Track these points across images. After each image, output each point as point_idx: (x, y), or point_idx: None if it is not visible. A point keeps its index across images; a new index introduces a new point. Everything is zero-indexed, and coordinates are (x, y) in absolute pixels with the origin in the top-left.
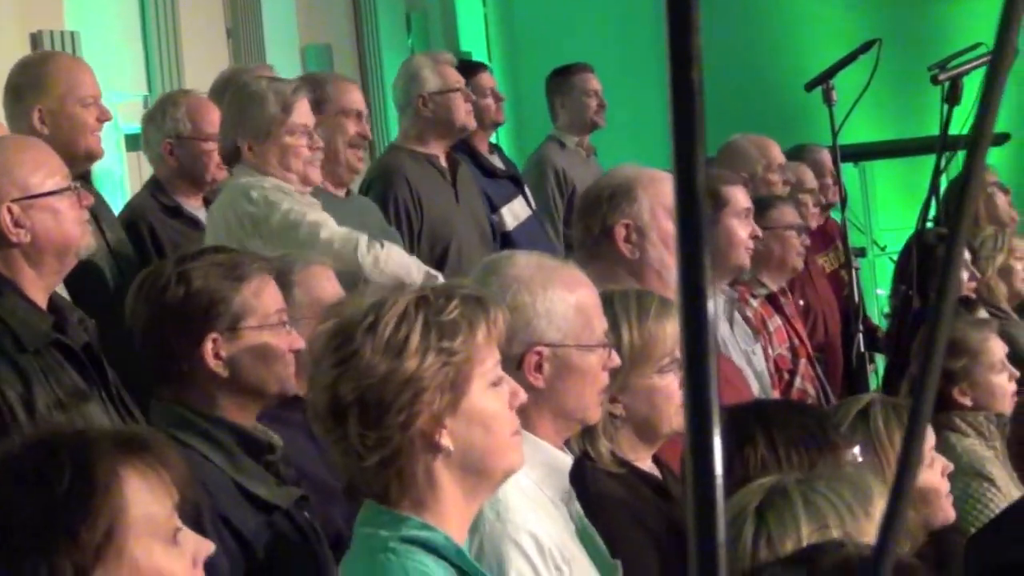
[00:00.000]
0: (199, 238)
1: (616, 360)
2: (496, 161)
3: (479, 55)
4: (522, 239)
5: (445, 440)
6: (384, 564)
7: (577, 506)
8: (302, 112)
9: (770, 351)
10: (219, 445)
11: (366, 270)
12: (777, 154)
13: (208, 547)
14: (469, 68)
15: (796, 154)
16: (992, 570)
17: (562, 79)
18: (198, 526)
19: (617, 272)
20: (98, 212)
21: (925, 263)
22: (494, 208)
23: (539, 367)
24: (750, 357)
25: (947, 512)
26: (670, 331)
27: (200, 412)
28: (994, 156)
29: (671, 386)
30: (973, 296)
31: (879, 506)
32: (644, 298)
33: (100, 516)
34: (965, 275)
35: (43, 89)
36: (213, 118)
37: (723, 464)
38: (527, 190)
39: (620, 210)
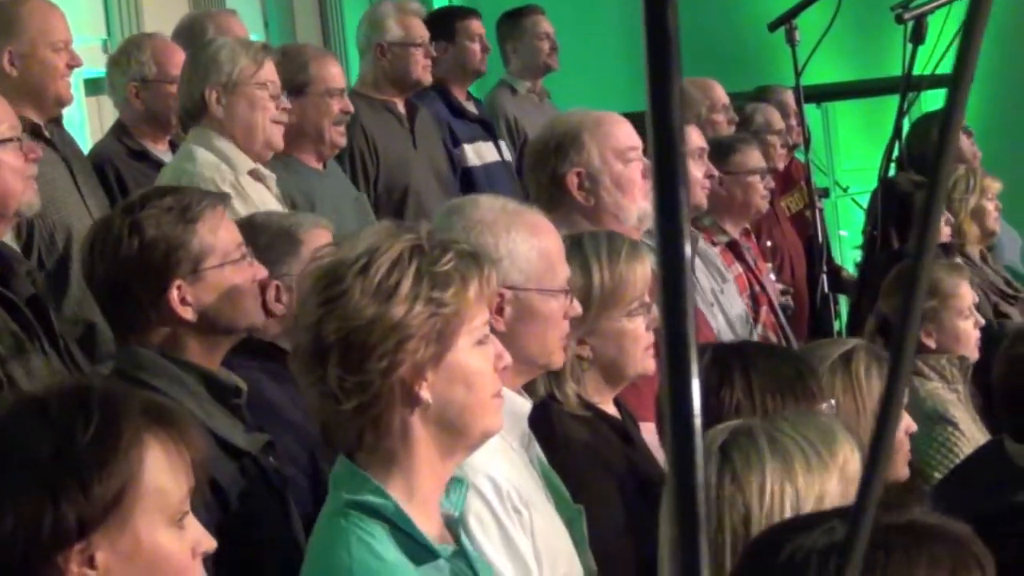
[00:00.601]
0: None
1: (577, 308)
2: (470, 107)
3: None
4: (482, 178)
5: (425, 393)
6: (335, 529)
7: (538, 450)
8: (270, 70)
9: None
10: (185, 387)
11: None
12: (720, 95)
13: (211, 543)
14: (461, 13)
15: (759, 95)
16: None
17: (513, 23)
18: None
19: (575, 220)
20: (71, 161)
21: (892, 205)
22: (456, 143)
23: (500, 310)
24: (717, 296)
25: (902, 470)
26: (640, 274)
27: (167, 356)
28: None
29: (639, 329)
30: (950, 241)
31: (843, 448)
32: (615, 240)
33: (115, 475)
34: (942, 220)
35: (14, 32)
36: (178, 60)
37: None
38: (502, 143)
39: (569, 159)
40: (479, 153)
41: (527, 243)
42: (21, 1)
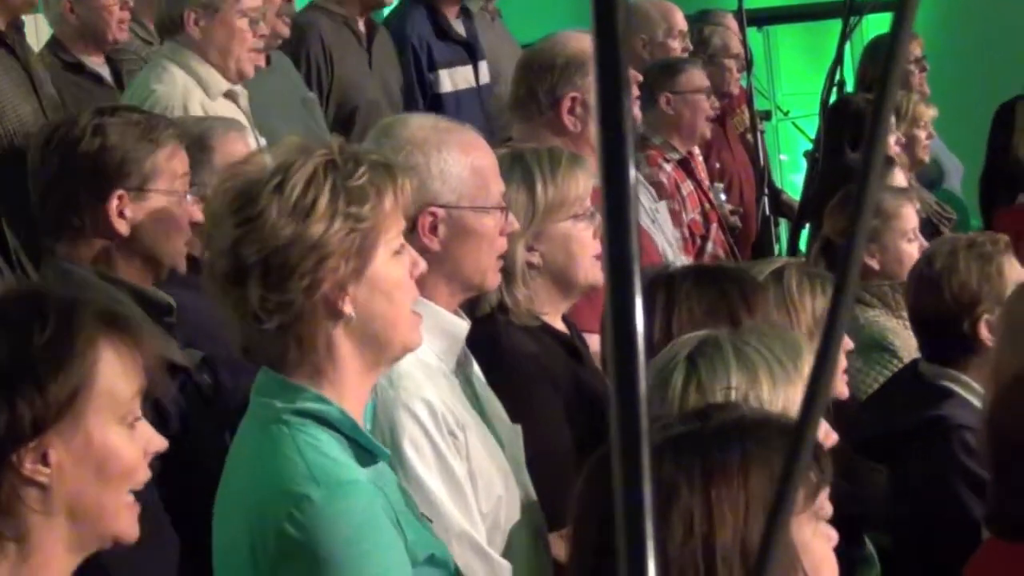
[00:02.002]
0: (103, 94)
1: (514, 224)
2: (459, 27)
3: None
4: (452, 106)
5: (347, 307)
6: (276, 435)
7: (476, 370)
8: None
9: (684, 216)
10: (120, 305)
11: None
12: (679, 20)
13: (161, 443)
14: None
15: (700, 18)
16: (875, 440)
17: None
18: None
19: (549, 140)
20: (31, 68)
21: (846, 124)
22: (433, 67)
23: (434, 229)
24: (655, 216)
25: (841, 387)
26: (582, 180)
27: (97, 272)
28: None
29: (585, 235)
30: (893, 156)
31: (807, 362)
32: (555, 152)
33: (70, 376)
34: (892, 139)
35: None
36: None
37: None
38: (483, 66)
39: (572, 82)
40: (452, 79)
41: (459, 161)
42: None
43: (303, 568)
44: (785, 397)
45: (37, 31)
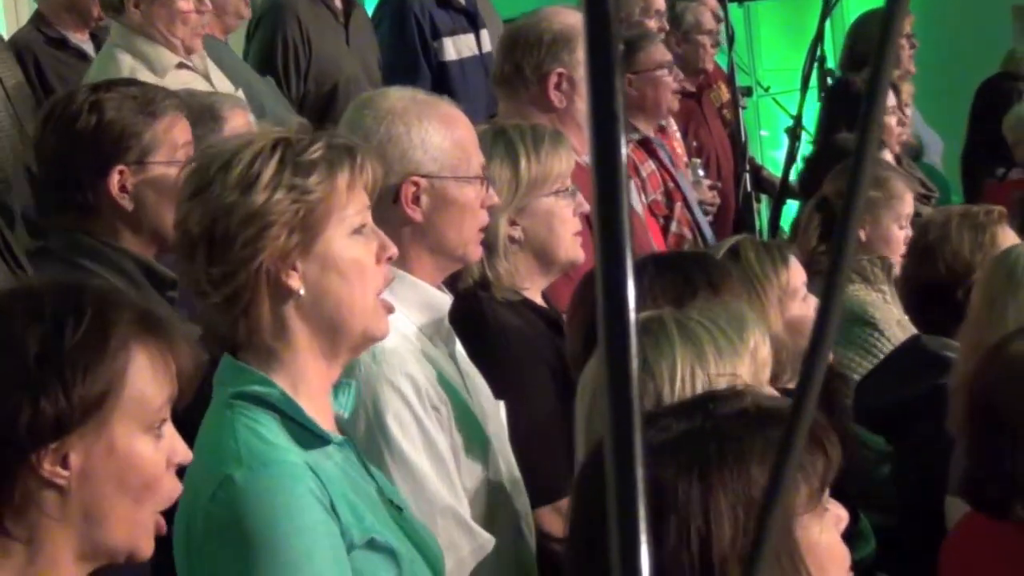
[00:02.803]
0: (86, 70)
1: (494, 197)
2: None
3: None
4: (458, 74)
5: (294, 282)
6: (220, 420)
7: (458, 346)
8: None
9: (643, 198)
10: (126, 275)
11: None
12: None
13: (186, 455)
14: None
15: None
16: (880, 412)
17: None
18: None
19: (534, 116)
20: None
21: (848, 106)
22: (437, 35)
23: (416, 200)
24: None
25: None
26: (565, 157)
27: (104, 242)
28: None
29: (566, 211)
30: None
31: (754, 333)
32: (538, 129)
33: (99, 378)
34: (894, 120)
35: None
36: None
37: (583, 335)
38: (483, 33)
39: (558, 58)
40: (458, 48)
41: (440, 132)
42: None
43: (226, 547)
44: (732, 370)
45: (17, 7)
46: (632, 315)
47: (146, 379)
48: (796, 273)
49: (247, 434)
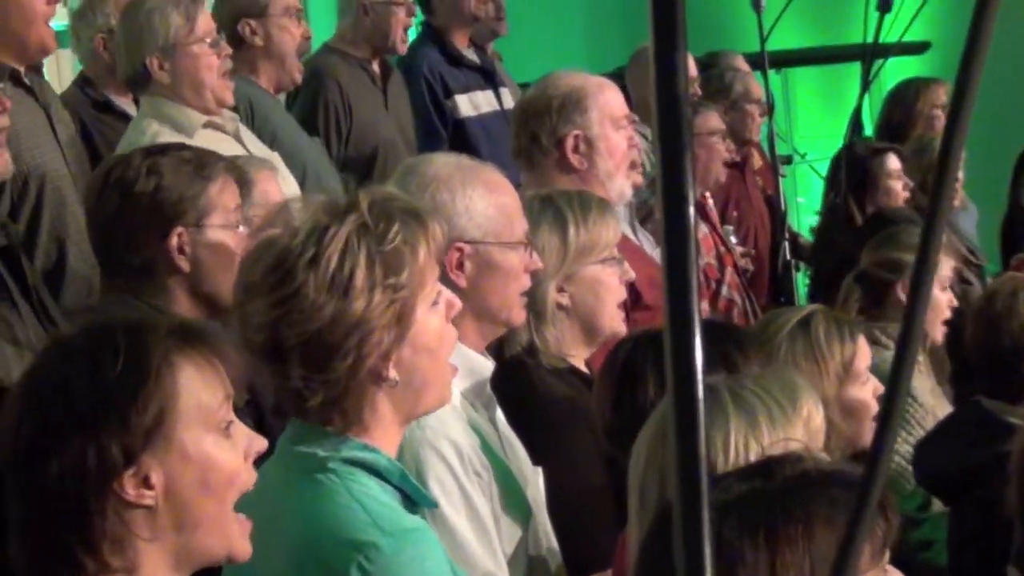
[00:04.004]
0: None
1: (537, 262)
2: (469, 53)
3: None
4: (477, 129)
5: (392, 372)
6: (326, 485)
7: (499, 412)
8: (205, 21)
9: (699, 261)
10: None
11: None
12: (689, 65)
13: (262, 444)
14: None
15: (711, 60)
16: (939, 477)
17: None
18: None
19: (558, 180)
20: (49, 109)
21: (852, 172)
22: (449, 93)
23: (460, 265)
24: (655, 262)
25: (870, 435)
26: (612, 225)
27: (155, 306)
28: (913, 66)
29: (613, 279)
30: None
31: (807, 402)
32: (585, 196)
33: (150, 401)
34: (900, 185)
35: None
36: None
37: (612, 402)
38: (504, 90)
39: (571, 120)
40: (474, 103)
41: (484, 198)
42: None
43: None
44: (785, 438)
45: (59, 67)
46: (700, 379)
47: (198, 386)
48: (862, 354)
49: (371, 501)
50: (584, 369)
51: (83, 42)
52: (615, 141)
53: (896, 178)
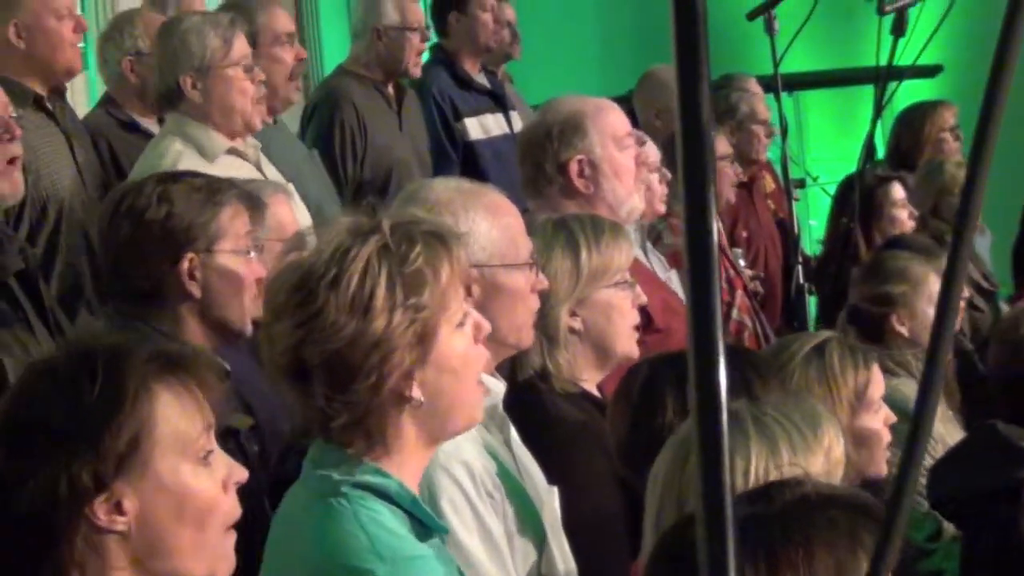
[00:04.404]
0: None
1: (543, 282)
2: (480, 78)
3: None
4: (486, 152)
5: (416, 392)
6: (336, 509)
7: (513, 433)
8: (242, 45)
9: None
10: (174, 344)
11: None
12: None
13: (242, 473)
14: None
15: (723, 84)
16: (953, 501)
17: None
18: None
19: (566, 206)
20: (70, 131)
21: (844, 197)
22: (458, 116)
23: (467, 290)
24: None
25: (881, 465)
26: (625, 249)
27: (163, 332)
28: (926, 89)
29: (625, 303)
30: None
31: (828, 431)
32: (597, 220)
33: (125, 426)
34: (905, 214)
35: (16, 3)
36: None
37: (629, 425)
38: (513, 113)
39: (572, 145)
40: (484, 126)
41: (487, 220)
42: None
43: None
44: (805, 467)
45: (71, 88)
46: (724, 402)
47: (176, 414)
48: (876, 383)
49: (375, 527)
50: (596, 393)
51: (110, 64)
52: (620, 161)
53: (901, 206)
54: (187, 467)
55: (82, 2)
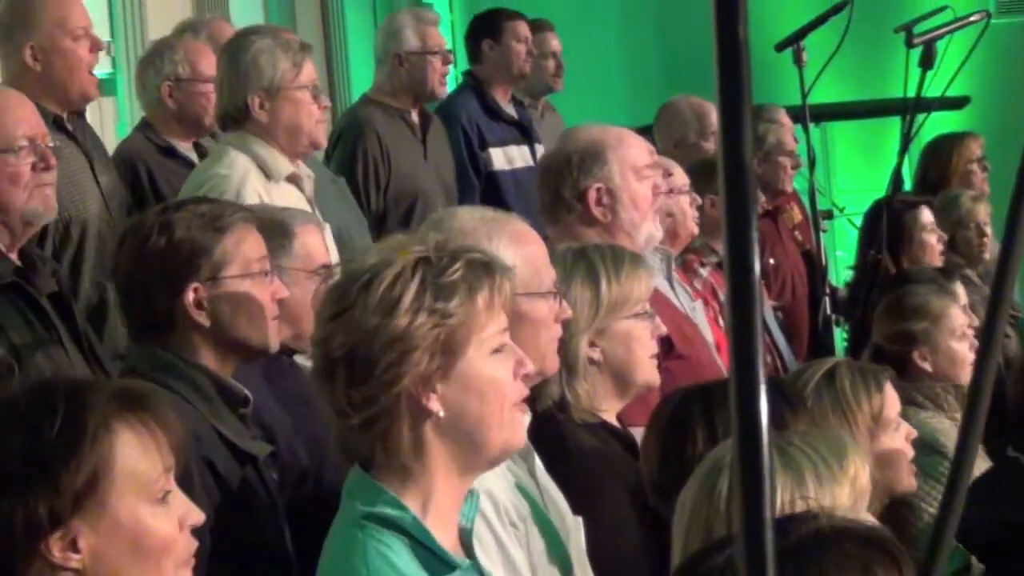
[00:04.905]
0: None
1: (567, 311)
2: (508, 108)
3: (441, 6)
4: (509, 184)
5: (434, 404)
6: (350, 540)
7: (537, 463)
8: (310, 70)
9: (721, 321)
10: (200, 390)
11: None
12: (713, 121)
13: (198, 517)
14: (509, 14)
15: (754, 113)
16: (978, 534)
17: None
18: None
19: (585, 235)
20: (91, 155)
21: (872, 222)
22: (484, 146)
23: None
24: (692, 315)
25: (909, 479)
26: (644, 280)
27: (182, 358)
28: (953, 121)
29: (645, 333)
30: (946, 265)
31: (854, 461)
32: (617, 250)
33: (83, 464)
34: (934, 238)
35: (32, 25)
36: (210, 61)
37: (660, 456)
38: (539, 147)
39: (591, 174)
40: (509, 157)
41: (510, 249)
42: None
43: None
44: (832, 498)
45: (102, 113)
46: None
47: (136, 454)
48: (891, 402)
49: (380, 563)
50: (616, 423)
51: (148, 89)
52: (638, 190)
53: (930, 231)
54: (144, 507)
55: (112, 29)
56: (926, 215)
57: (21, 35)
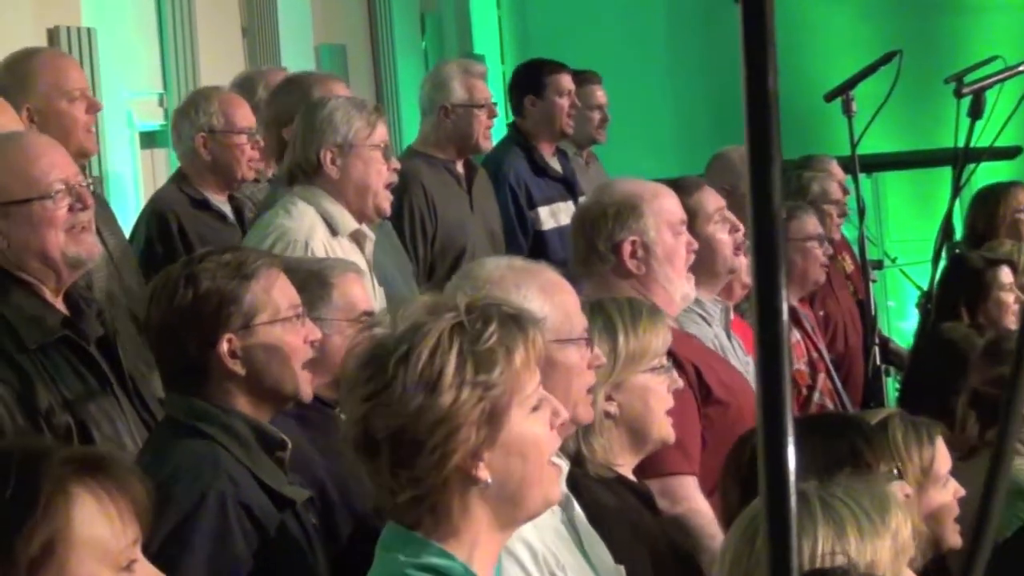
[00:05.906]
0: (228, 232)
1: (600, 357)
2: (555, 164)
3: (492, 58)
4: (555, 241)
5: (483, 473)
6: None
7: (578, 511)
8: (383, 132)
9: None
10: (237, 437)
11: None
12: None
13: None
14: (552, 67)
15: (805, 164)
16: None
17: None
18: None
19: (619, 286)
20: (97, 216)
21: (962, 281)
22: (532, 204)
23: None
24: (747, 368)
25: (954, 536)
26: (662, 334)
27: (217, 405)
28: (1005, 171)
29: (662, 388)
30: None
31: (896, 515)
32: (635, 303)
33: (38, 530)
34: (1011, 298)
35: (28, 87)
36: (245, 113)
37: (739, 497)
38: (582, 200)
39: (627, 227)
40: (555, 215)
41: (539, 297)
42: (32, 55)
43: None
44: (872, 551)
45: (154, 166)
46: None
47: (96, 520)
48: (941, 457)
49: None
50: (632, 478)
51: (183, 140)
52: (672, 245)
53: (1008, 290)
54: (107, 574)
55: (165, 81)
56: (1006, 275)
57: (18, 97)
